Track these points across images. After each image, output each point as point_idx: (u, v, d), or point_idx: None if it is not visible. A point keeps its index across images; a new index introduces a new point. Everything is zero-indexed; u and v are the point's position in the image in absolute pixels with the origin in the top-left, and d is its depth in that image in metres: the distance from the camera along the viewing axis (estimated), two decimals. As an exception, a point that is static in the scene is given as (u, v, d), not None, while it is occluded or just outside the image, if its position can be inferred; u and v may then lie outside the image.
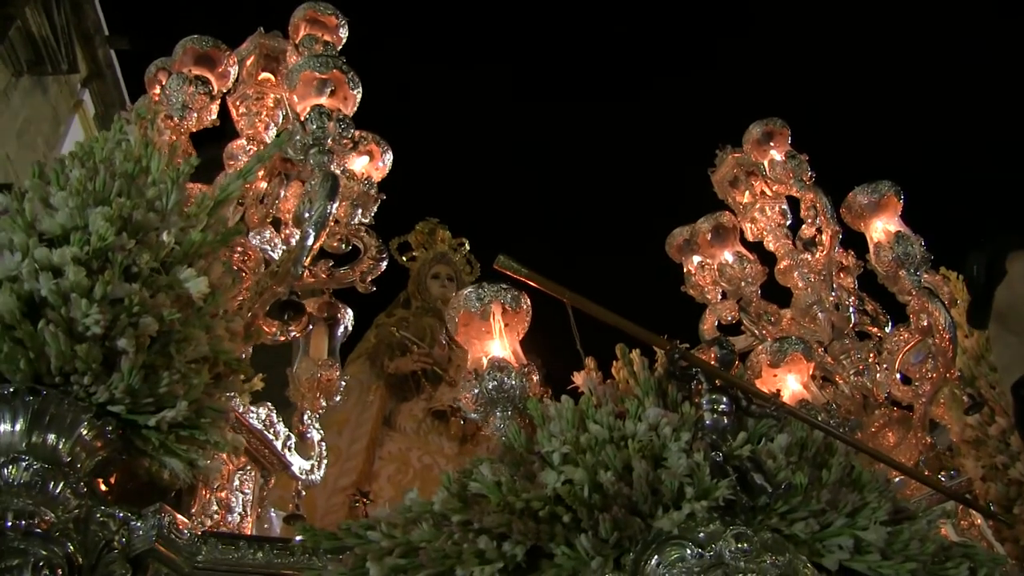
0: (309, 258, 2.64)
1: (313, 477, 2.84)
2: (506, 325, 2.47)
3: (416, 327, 4.88)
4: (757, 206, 4.24)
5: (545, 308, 2.59)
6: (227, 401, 1.97)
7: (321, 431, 3.00)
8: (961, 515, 3.11)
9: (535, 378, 2.43)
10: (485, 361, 2.41)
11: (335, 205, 2.62)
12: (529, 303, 2.54)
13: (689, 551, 1.99)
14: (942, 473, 3.24)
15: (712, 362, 2.33)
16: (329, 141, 2.77)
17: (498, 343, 2.43)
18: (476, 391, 2.37)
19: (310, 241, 2.56)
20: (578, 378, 2.78)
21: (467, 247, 5.60)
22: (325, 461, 2.95)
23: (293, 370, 3.09)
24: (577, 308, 2.23)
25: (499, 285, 2.49)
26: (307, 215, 2.58)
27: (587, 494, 1.90)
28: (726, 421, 2.22)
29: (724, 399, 2.24)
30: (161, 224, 1.99)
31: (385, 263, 3.04)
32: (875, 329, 3.94)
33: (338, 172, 2.76)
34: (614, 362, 2.98)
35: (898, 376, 3.54)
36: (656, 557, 1.97)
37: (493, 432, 2.34)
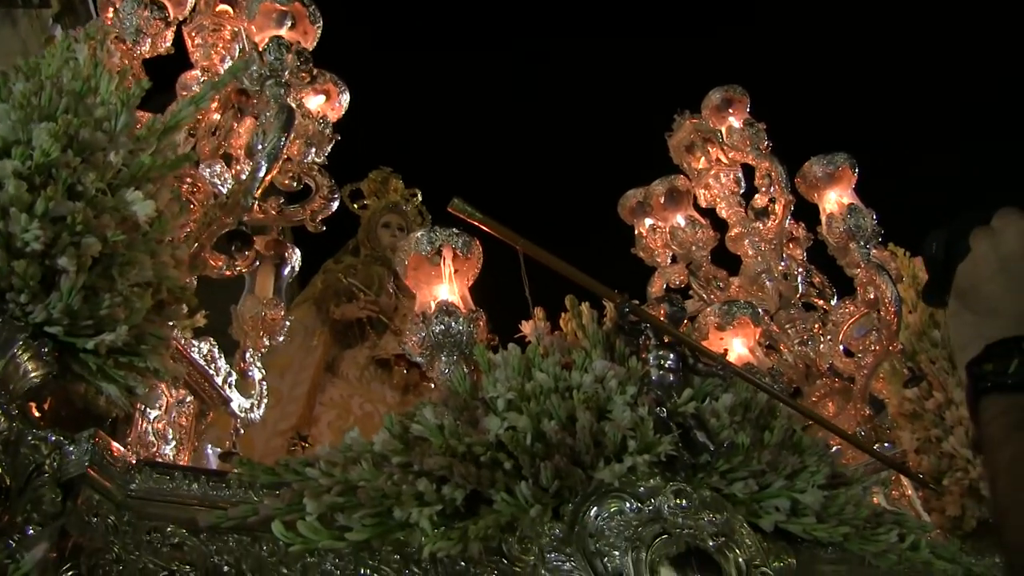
0: (260, 190, 2.58)
1: (252, 416, 2.80)
2: (456, 270, 2.45)
3: (364, 275, 4.85)
4: (712, 172, 4.24)
5: (496, 256, 2.57)
6: (169, 329, 1.93)
7: (263, 370, 2.96)
8: (893, 485, 3.18)
9: (482, 324, 2.41)
10: (433, 305, 2.39)
11: (289, 138, 2.56)
12: (480, 249, 2.51)
13: (628, 504, 2.00)
14: (877, 444, 3.30)
15: (662, 319, 2.33)
16: (287, 74, 2.71)
17: (447, 287, 2.41)
18: (423, 334, 2.35)
19: (261, 173, 2.50)
20: (526, 327, 2.78)
21: (419, 198, 5.56)
22: (265, 401, 2.91)
23: (237, 307, 3.04)
24: (529, 256, 2.21)
25: (451, 230, 2.47)
26: (260, 147, 2.52)
27: (530, 442, 1.90)
28: (672, 378, 2.23)
29: (671, 355, 2.24)
30: (109, 145, 1.92)
31: (336, 203, 2.99)
32: (821, 301, 3.98)
33: (294, 107, 2.69)
34: (563, 314, 2.98)
35: (841, 348, 3.59)
36: (595, 508, 1.98)
37: (438, 376, 2.32)
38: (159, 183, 2.02)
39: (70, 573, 1.46)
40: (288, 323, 3.09)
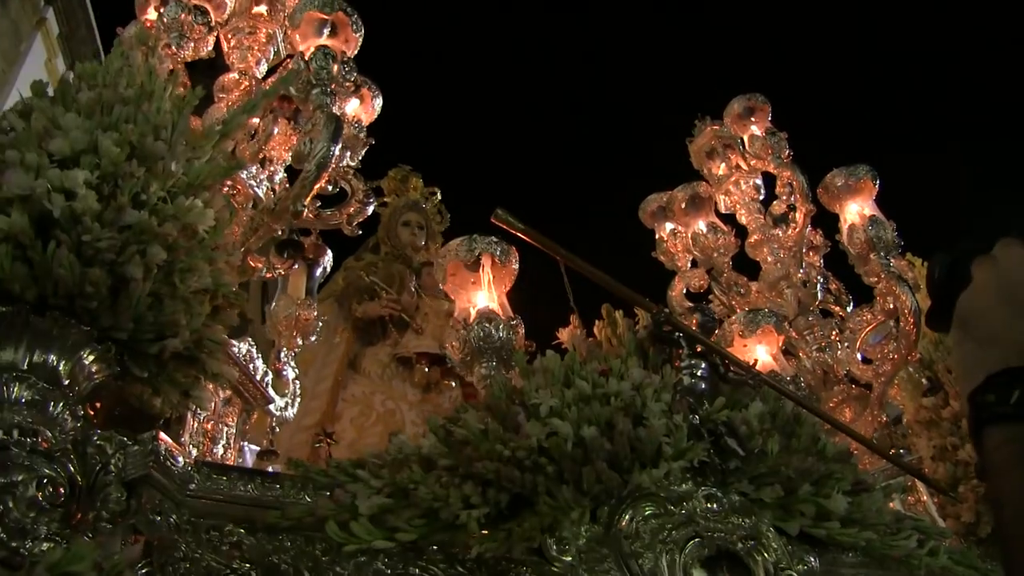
0: (309, 198, 2.65)
1: (287, 414, 2.87)
2: (494, 277, 2.51)
3: (385, 273, 4.90)
4: (732, 179, 4.31)
5: (526, 263, 2.64)
6: (224, 334, 1.99)
7: (296, 369, 3.03)
8: (909, 492, 3.25)
9: (521, 331, 2.47)
10: (472, 311, 2.45)
11: (338, 147, 2.62)
12: (517, 258, 2.58)
13: (662, 508, 2.08)
14: (892, 451, 3.37)
15: (693, 328, 2.40)
16: (332, 83, 2.77)
17: (486, 294, 2.47)
18: (464, 340, 2.41)
19: (311, 180, 2.57)
20: (563, 334, 2.85)
21: (439, 197, 5.62)
22: (299, 399, 2.98)
23: (271, 307, 3.11)
24: (568, 267, 2.28)
25: (490, 238, 2.53)
26: (309, 155, 2.58)
27: (570, 447, 1.96)
28: (703, 386, 2.30)
29: (703, 364, 2.31)
30: (168, 153, 1.98)
31: (372, 207, 3.05)
32: (837, 308, 4.05)
33: (339, 115, 2.75)
34: (596, 321, 3.06)
35: (858, 355, 3.66)
36: (631, 512, 2.05)
37: (478, 381, 2.39)
38: (214, 190, 2.08)
39: (145, 571, 1.52)
40: (321, 323, 3.16)
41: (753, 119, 4.28)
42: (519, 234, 2.19)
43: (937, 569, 2.38)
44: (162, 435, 1.81)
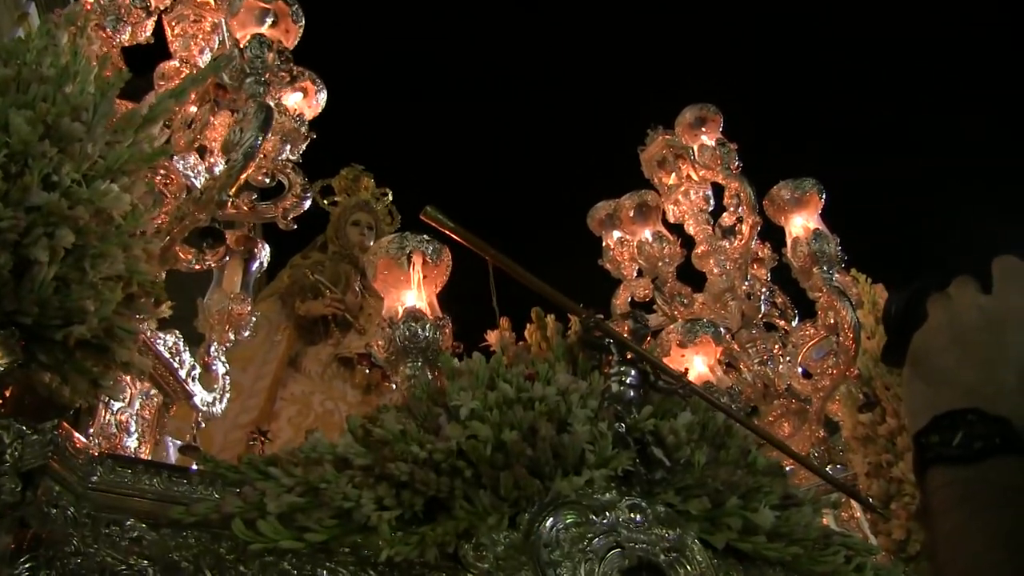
0: (235, 187, 2.59)
1: (214, 410, 2.80)
2: (425, 276, 2.47)
3: (331, 272, 4.84)
4: (682, 189, 4.31)
5: (463, 264, 2.60)
6: (138, 323, 1.93)
7: (227, 365, 2.97)
8: (843, 507, 3.25)
9: (448, 332, 2.43)
10: (400, 310, 2.41)
11: (266, 137, 2.57)
12: (450, 257, 2.54)
13: (584, 516, 2.04)
14: (829, 466, 3.37)
15: (625, 335, 2.37)
16: (267, 72, 2.71)
17: (415, 293, 2.43)
18: (389, 339, 2.37)
19: (237, 170, 2.51)
20: (491, 337, 2.81)
21: (390, 198, 5.57)
22: (228, 395, 2.92)
23: (204, 301, 3.04)
24: (498, 268, 2.24)
25: (422, 236, 2.49)
26: (236, 144, 2.52)
27: (490, 451, 1.92)
28: (632, 394, 2.27)
29: (632, 372, 2.28)
30: (86, 135, 1.92)
31: (309, 202, 3.00)
32: (782, 322, 4.05)
33: (272, 106, 2.70)
34: (527, 325, 3.02)
35: (799, 370, 3.66)
36: (551, 519, 2.01)
37: (402, 381, 2.34)
38: (134, 176, 2.02)
39: (28, 564, 1.46)
40: (254, 319, 3.10)
41: (704, 129, 4.28)
42: (448, 232, 2.15)
43: (862, 585, 2.38)
44: (65, 425, 1.75)
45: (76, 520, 1.66)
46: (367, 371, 4.43)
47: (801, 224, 3.48)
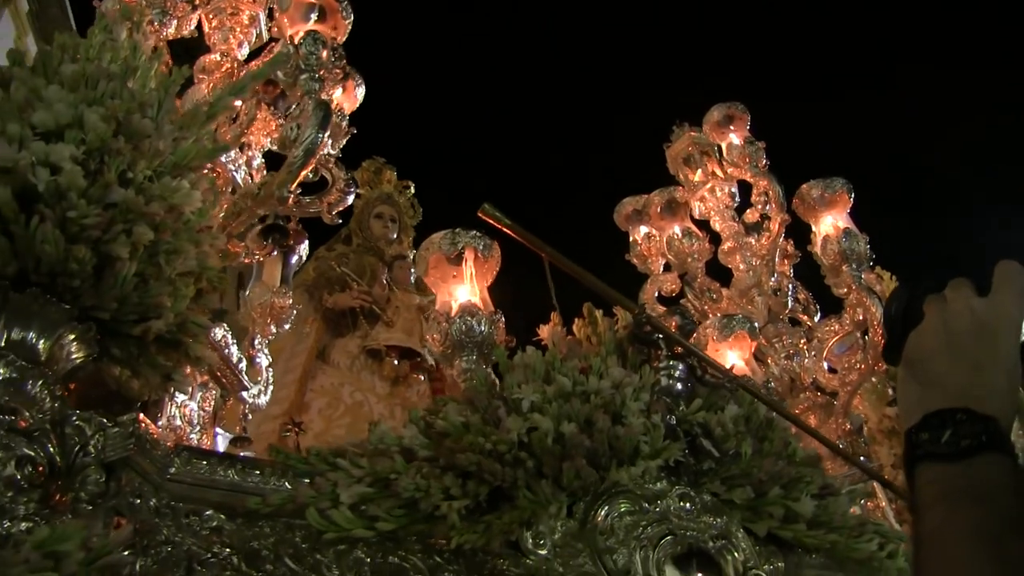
0: (295, 184, 2.63)
1: (259, 401, 2.85)
2: (476, 272, 2.51)
3: (356, 264, 4.87)
4: (708, 186, 4.35)
5: (511, 259, 2.64)
6: (207, 318, 1.97)
7: (270, 357, 3.01)
8: (869, 498, 3.31)
9: (502, 326, 2.48)
10: (454, 305, 2.45)
11: (326, 134, 2.60)
12: (499, 253, 2.58)
13: (638, 505, 2.10)
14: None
15: (673, 330, 2.42)
16: (321, 69, 2.75)
17: (468, 288, 2.47)
18: (445, 333, 2.41)
19: (298, 167, 2.54)
20: (543, 331, 2.85)
21: (412, 190, 5.60)
22: (271, 387, 2.96)
23: (246, 294, 3.08)
24: (552, 264, 2.29)
25: (473, 232, 2.53)
26: (295, 141, 2.56)
27: (551, 442, 1.97)
28: (680, 387, 2.32)
29: (680, 366, 2.33)
30: (155, 132, 1.95)
31: (352, 196, 3.03)
32: (805, 317, 4.10)
33: (329, 102, 2.73)
34: (575, 319, 3.08)
35: (824, 364, 3.71)
36: (606, 508, 2.07)
37: (458, 374, 2.39)
38: (199, 172, 2.06)
39: (128, 553, 1.51)
40: (295, 312, 3.14)
41: (732, 127, 4.32)
42: (505, 229, 2.19)
43: (895, 571, 2.43)
44: (143, 417, 1.79)
45: (159, 510, 1.71)
46: (395, 363, 4.47)
47: (831, 223, 3.53)
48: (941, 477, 0.89)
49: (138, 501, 1.69)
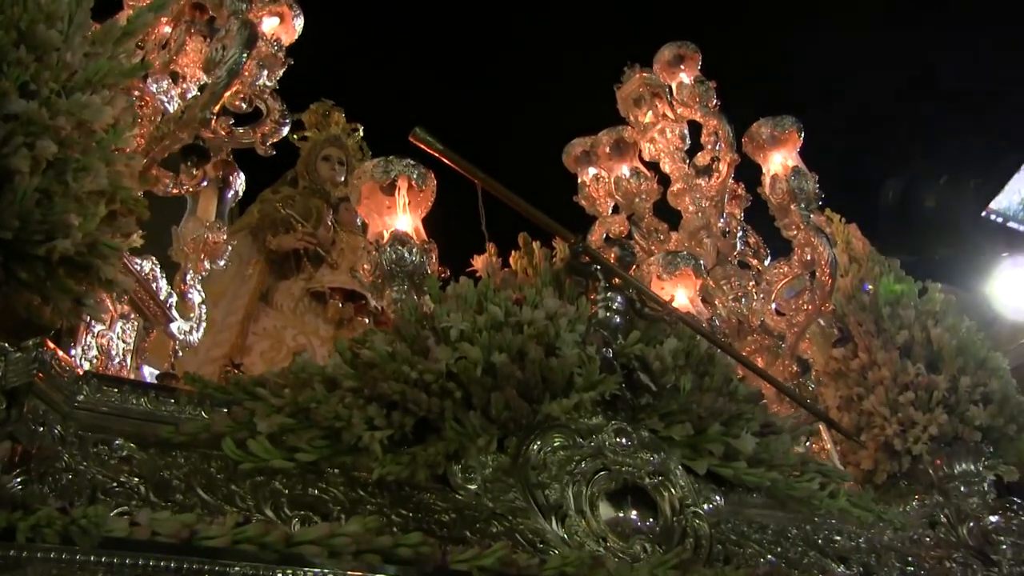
0: (218, 106, 2.52)
1: (191, 338, 2.77)
2: (410, 202, 2.44)
3: (302, 206, 4.78)
4: (658, 127, 4.29)
5: (446, 190, 2.57)
6: (122, 240, 1.88)
7: (202, 293, 2.92)
8: (814, 439, 3.31)
9: (435, 256, 2.41)
10: (386, 234, 2.38)
11: (250, 55, 2.50)
12: (435, 182, 2.50)
13: (571, 440, 2.05)
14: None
15: (612, 261, 2.37)
16: (249, -10, 2.63)
17: (401, 218, 2.40)
18: (375, 262, 2.34)
19: (220, 88, 2.44)
20: (478, 262, 2.79)
21: (361, 133, 5.50)
22: (204, 324, 2.88)
23: (178, 229, 2.98)
24: (485, 192, 2.22)
25: (407, 160, 2.45)
26: (219, 62, 2.46)
27: (480, 373, 1.92)
28: (618, 319, 2.28)
29: (619, 298, 2.28)
30: (63, 44, 1.85)
31: (287, 128, 2.94)
32: (755, 261, 4.08)
33: (255, 22, 2.62)
34: (512, 251, 3.02)
35: (772, 307, 3.70)
36: (539, 442, 2.03)
37: (388, 305, 2.32)
38: (114, 90, 1.96)
39: (20, 478, 1.43)
40: (230, 248, 3.05)
41: (683, 67, 4.27)
42: (438, 155, 2.12)
43: (835, 510, 2.43)
44: (49, 343, 1.71)
45: (64, 438, 1.64)
46: (339, 305, 4.40)
47: (780, 162, 3.49)
48: None
49: (41, 429, 1.60)
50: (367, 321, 4.45)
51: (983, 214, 7.52)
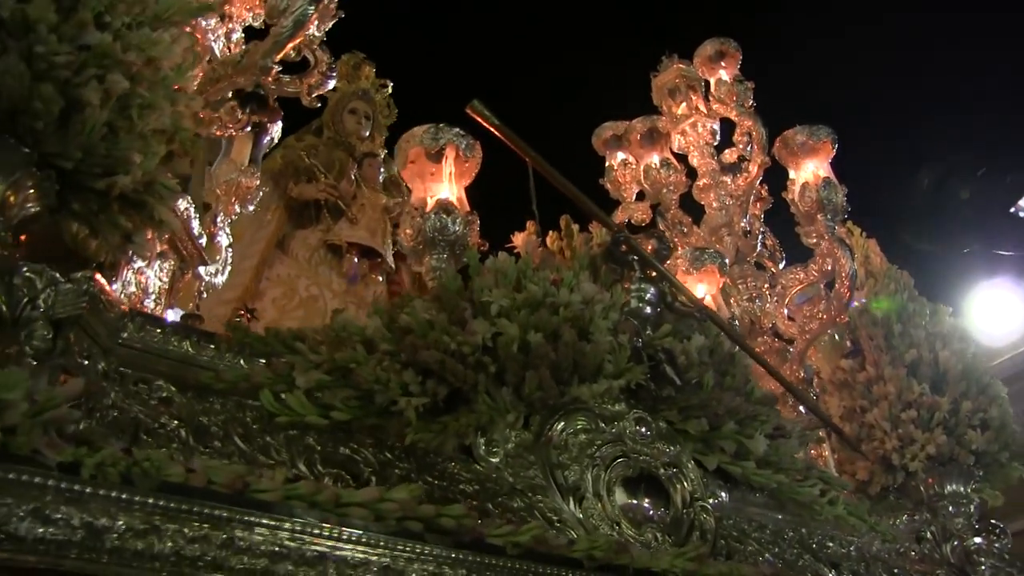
0: (280, 55, 2.51)
1: (216, 280, 2.78)
2: (456, 171, 2.44)
3: (325, 157, 4.73)
4: (690, 120, 4.29)
5: (490, 164, 2.57)
6: (176, 181, 1.88)
7: (230, 237, 2.92)
8: (813, 445, 3.35)
9: (476, 228, 2.42)
10: (429, 201, 2.39)
11: (317, 7, 2.49)
12: (481, 154, 2.51)
13: (594, 424, 2.08)
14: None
15: (649, 254, 2.38)
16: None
17: (446, 186, 2.41)
18: (418, 228, 2.35)
19: (285, 37, 2.43)
20: (517, 239, 2.80)
21: (389, 89, 5.45)
22: (229, 267, 2.89)
23: (211, 169, 2.98)
24: (535, 172, 2.23)
25: (456, 129, 2.45)
26: (284, 11, 2.44)
27: (515, 350, 1.94)
28: (649, 311, 2.30)
29: (652, 290, 2.30)
30: (136, -22, 1.84)
31: (333, 81, 2.92)
32: (770, 264, 4.10)
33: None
34: (551, 232, 3.03)
35: (784, 311, 3.72)
36: (563, 423, 2.06)
37: (427, 271, 2.34)
38: (180, 28, 1.95)
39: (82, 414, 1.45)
40: (262, 193, 3.05)
41: (723, 64, 4.26)
42: (493, 129, 2.12)
43: (832, 517, 2.47)
44: (98, 277, 1.71)
45: (107, 374, 1.64)
46: (355, 260, 4.38)
47: (812, 170, 3.50)
48: None
49: (86, 362, 1.61)
50: (380, 279, 4.44)
51: (1011, 210, 7.44)
